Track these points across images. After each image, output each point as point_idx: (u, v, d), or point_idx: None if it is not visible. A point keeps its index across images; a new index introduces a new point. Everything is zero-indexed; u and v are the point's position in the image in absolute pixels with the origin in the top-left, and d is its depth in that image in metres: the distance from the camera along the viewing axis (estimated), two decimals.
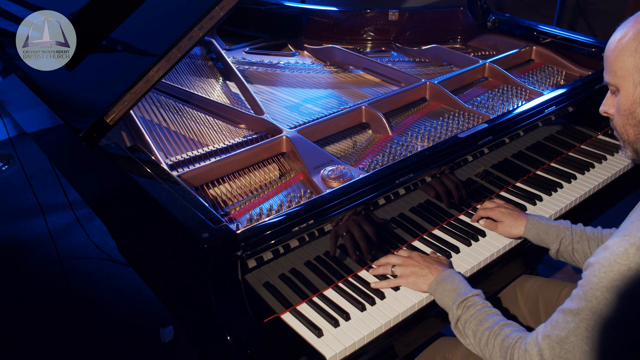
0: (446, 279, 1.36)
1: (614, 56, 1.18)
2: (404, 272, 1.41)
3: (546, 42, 2.26)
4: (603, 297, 1.04)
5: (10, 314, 2.62)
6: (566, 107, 1.85)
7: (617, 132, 1.25)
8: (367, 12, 2.52)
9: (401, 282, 1.41)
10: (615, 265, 1.03)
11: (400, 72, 2.11)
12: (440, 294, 1.35)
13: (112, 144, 1.54)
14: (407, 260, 1.44)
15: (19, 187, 3.53)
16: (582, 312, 1.06)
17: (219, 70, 2.23)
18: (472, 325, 1.26)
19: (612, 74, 1.19)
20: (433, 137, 1.75)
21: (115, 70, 1.62)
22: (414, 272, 1.40)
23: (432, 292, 1.37)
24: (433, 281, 1.37)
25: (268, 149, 1.63)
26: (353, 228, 1.43)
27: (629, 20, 1.18)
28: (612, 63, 1.18)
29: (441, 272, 1.38)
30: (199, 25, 1.43)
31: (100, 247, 2.97)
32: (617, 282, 1.03)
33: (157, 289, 1.58)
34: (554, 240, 1.51)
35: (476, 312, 1.27)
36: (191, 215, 1.24)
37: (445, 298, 1.34)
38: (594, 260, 1.08)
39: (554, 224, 1.53)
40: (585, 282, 1.08)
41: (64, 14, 1.68)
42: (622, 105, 1.19)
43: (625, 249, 1.03)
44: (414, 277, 1.40)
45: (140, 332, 2.49)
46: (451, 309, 1.31)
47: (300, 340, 1.29)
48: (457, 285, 1.34)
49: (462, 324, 1.28)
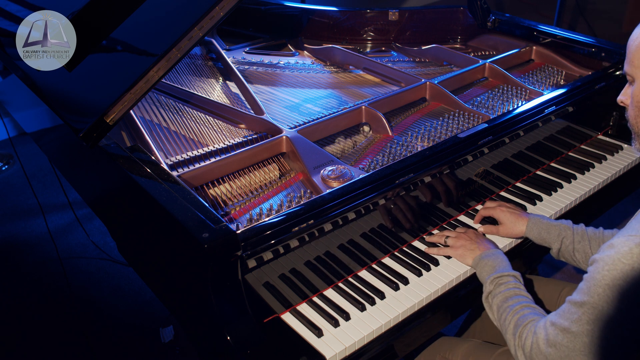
0: (490, 256, 1.41)
1: (634, 46, 1.20)
2: (455, 244, 1.50)
3: (546, 42, 2.26)
4: (604, 294, 1.06)
5: (10, 314, 2.62)
6: (566, 107, 1.85)
7: (630, 123, 1.26)
8: (367, 12, 2.52)
9: (450, 252, 1.50)
10: (619, 264, 1.05)
11: (400, 72, 2.11)
12: (481, 268, 1.41)
13: (112, 144, 1.54)
14: (461, 234, 1.52)
15: (19, 187, 3.53)
16: (584, 305, 1.09)
17: (219, 70, 2.23)
18: (497, 301, 1.32)
19: (630, 64, 1.21)
20: (433, 137, 1.75)
21: (115, 70, 1.62)
22: (464, 245, 1.48)
23: (474, 265, 1.45)
24: (477, 256, 1.44)
25: (268, 149, 1.63)
26: (353, 228, 1.43)
27: None
28: (632, 53, 1.20)
29: (488, 249, 1.45)
30: (199, 25, 1.43)
31: (100, 247, 2.98)
32: (619, 281, 1.04)
33: (157, 289, 1.58)
34: (556, 239, 1.51)
35: (505, 290, 1.32)
36: (191, 215, 1.24)
37: (483, 273, 1.40)
38: (599, 257, 1.10)
39: (556, 224, 1.53)
40: (589, 277, 1.10)
41: (64, 14, 1.68)
42: (636, 96, 1.21)
43: (630, 249, 1.05)
44: (463, 250, 1.47)
45: (140, 332, 2.49)
46: (485, 283, 1.38)
47: (300, 340, 1.29)
48: (498, 264, 1.39)
49: (491, 298, 1.34)
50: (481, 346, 1.49)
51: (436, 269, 1.48)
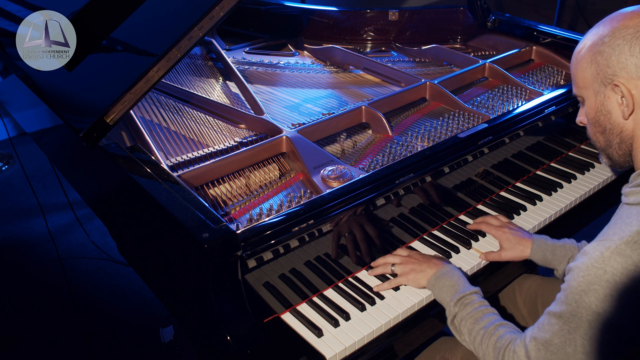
0: (445, 275, 1.36)
1: (575, 68, 1.22)
2: (403, 270, 1.42)
3: (546, 42, 2.26)
4: (582, 301, 1.06)
5: (10, 314, 2.62)
6: (566, 107, 1.85)
7: (591, 140, 1.28)
8: (367, 12, 2.52)
9: (401, 281, 1.41)
10: (592, 269, 1.06)
11: (400, 72, 2.11)
12: (438, 289, 1.36)
13: (112, 144, 1.54)
14: (405, 259, 1.44)
15: (19, 187, 3.54)
16: (564, 315, 1.09)
17: (219, 70, 2.23)
18: (467, 324, 1.27)
19: (575, 85, 1.24)
20: (433, 137, 1.75)
21: (115, 70, 1.62)
22: (413, 269, 1.41)
23: (430, 287, 1.38)
24: (432, 276, 1.38)
25: (268, 149, 1.63)
26: (353, 228, 1.43)
27: (588, 32, 1.21)
28: (575, 75, 1.23)
29: (440, 267, 1.39)
30: (199, 25, 1.43)
31: (100, 247, 2.98)
32: (594, 286, 1.05)
33: (157, 289, 1.58)
34: (562, 260, 1.48)
35: (472, 311, 1.28)
36: (191, 215, 1.24)
37: (443, 294, 1.34)
38: (574, 265, 1.10)
39: (560, 244, 1.50)
40: (566, 286, 1.10)
41: (64, 14, 1.68)
42: (589, 114, 1.23)
43: (601, 253, 1.06)
44: (414, 274, 1.40)
45: (140, 332, 2.49)
46: (448, 306, 1.32)
47: (300, 340, 1.29)
48: (456, 282, 1.34)
49: (459, 322, 1.29)
50: None
51: None
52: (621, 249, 1.04)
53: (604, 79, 1.16)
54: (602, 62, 1.15)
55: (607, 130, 1.20)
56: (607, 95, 1.17)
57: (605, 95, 1.17)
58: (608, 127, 1.20)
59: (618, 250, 1.04)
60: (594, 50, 1.16)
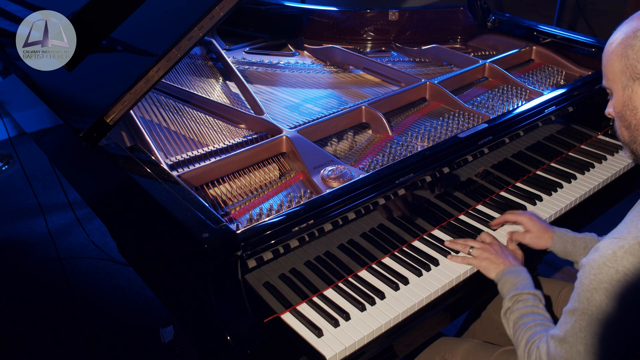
0: (512, 273, 1.40)
1: (605, 60, 1.22)
2: (481, 255, 1.47)
3: (546, 42, 2.26)
4: (593, 299, 1.07)
5: (10, 314, 2.62)
6: (566, 107, 1.85)
7: (616, 133, 1.27)
8: (367, 12, 2.52)
9: (473, 262, 1.47)
10: (604, 267, 1.06)
11: (400, 72, 2.11)
12: (502, 283, 1.41)
13: (112, 144, 1.54)
14: (487, 247, 1.49)
15: (19, 187, 3.53)
16: (575, 313, 1.10)
17: (219, 70, 2.23)
18: (514, 317, 1.32)
19: (605, 78, 1.24)
20: (433, 137, 1.75)
21: (115, 70, 1.62)
22: (489, 258, 1.46)
23: (497, 279, 1.43)
24: (501, 271, 1.43)
25: (268, 149, 1.63)
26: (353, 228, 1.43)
27: (622, 24, 1.21)
28: (605, 67, 1.22)
29: (512, 265, 1.43)
30: (199, 25, 1.43)
31: (100, 247, 2.97)
32: (605, 284, 1.05)
33: (157, 289, 1.58)
34: (582, 252, 1.50)
35: (522, 307, 1.32)
36: (191, 215, 1.24)
37: (504, 288, 1.40)
38: (585, 261, 1.11)
39: (581, 236, 1.52)
40: (578, 284, 1.12)
41: (64, 14, 1.68)
42: (616, 108, 1.22)
43: (614, 252, 1.06)
44: (487, 263, 1.45)
45: (140, 332, 2.49)
46: (505, 299, 1.37)
47: (300, 340, 1.29)
48: (519, 281, 1.38)
49: (509, 315, 1.34)
50: (481, 346, 1.50)
51: (436, 269, 1.48)
52: (635, 249, 1.04)
53: (632, 74, 1.15)
54: (632, 56, 1.14)
55: (632, 126, 1.20)
56: (634, 90, 1.16)
57: (633, 90, 1.16)
58: (633, 123, 1.19)
59: (631, 250, 1.04)
60: (626, 43, 1.15)
